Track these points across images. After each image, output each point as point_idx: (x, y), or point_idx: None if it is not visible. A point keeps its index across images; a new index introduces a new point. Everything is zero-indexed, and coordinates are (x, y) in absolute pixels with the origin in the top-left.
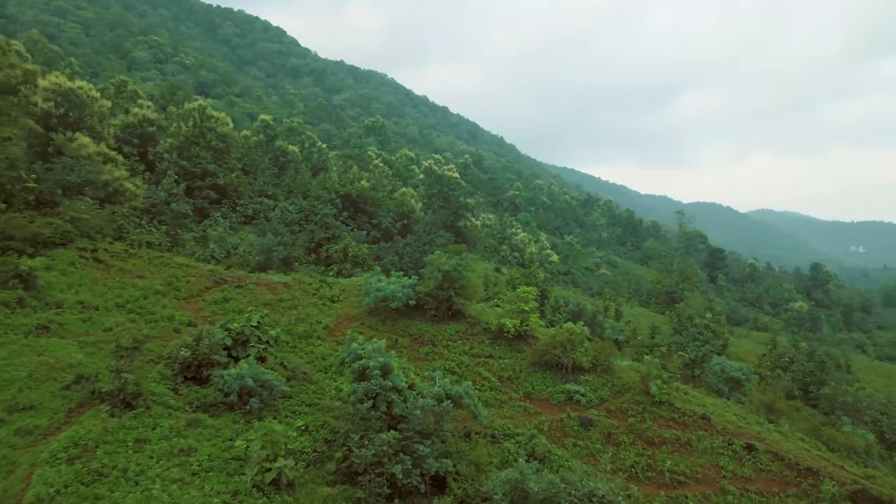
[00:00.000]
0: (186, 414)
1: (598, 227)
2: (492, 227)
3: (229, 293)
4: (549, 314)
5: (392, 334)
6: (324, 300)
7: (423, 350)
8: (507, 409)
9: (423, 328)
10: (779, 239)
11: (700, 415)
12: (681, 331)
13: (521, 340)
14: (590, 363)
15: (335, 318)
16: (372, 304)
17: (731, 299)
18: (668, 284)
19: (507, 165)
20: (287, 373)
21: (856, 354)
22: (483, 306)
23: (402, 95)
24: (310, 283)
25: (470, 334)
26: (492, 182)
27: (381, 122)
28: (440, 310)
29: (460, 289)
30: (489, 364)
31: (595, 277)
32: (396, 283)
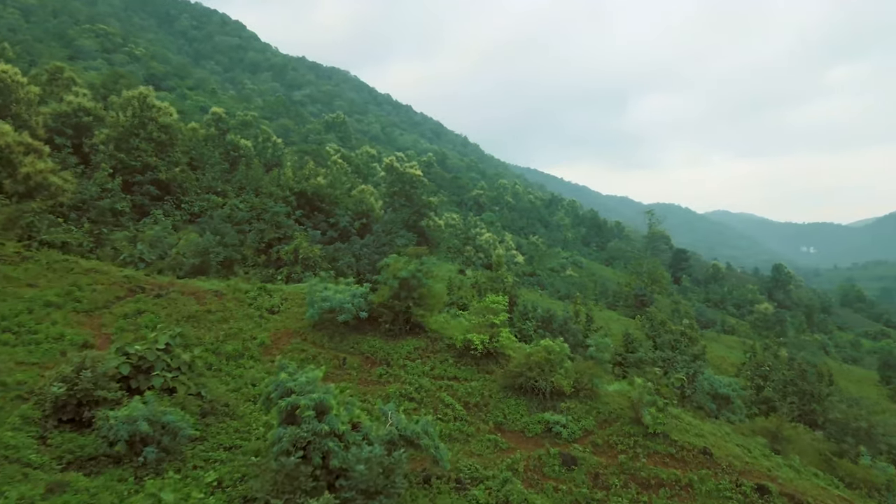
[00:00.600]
0: (50, 474)
1: (563, 228)
2: (456, 227)
3: (145, 304)
4: (517, 321)
5: (339, 352)
6: (261, 311)
7: (375, 371)
8: (475, 443)
9: (376, 344)
10: (735, 239)
11: (700, 448)
12: (653, 336)
13: (491, 359)
14: (571, 387)
15: (273, 333)
16: (316, 317)
17: (697, 301)
18: (637, 287)
19: (470, 164)
20: (204, 406)
21: (822, 357)
22: (446, 317)
23: (364, 93)
24: (246, 290)
25: (431, 351)
26: (456, 181)
27: (341, 118)
28: (396, 323)
29: (420, 298)
30: (453, 388)
31: (561, 279)
32: (345, 291)
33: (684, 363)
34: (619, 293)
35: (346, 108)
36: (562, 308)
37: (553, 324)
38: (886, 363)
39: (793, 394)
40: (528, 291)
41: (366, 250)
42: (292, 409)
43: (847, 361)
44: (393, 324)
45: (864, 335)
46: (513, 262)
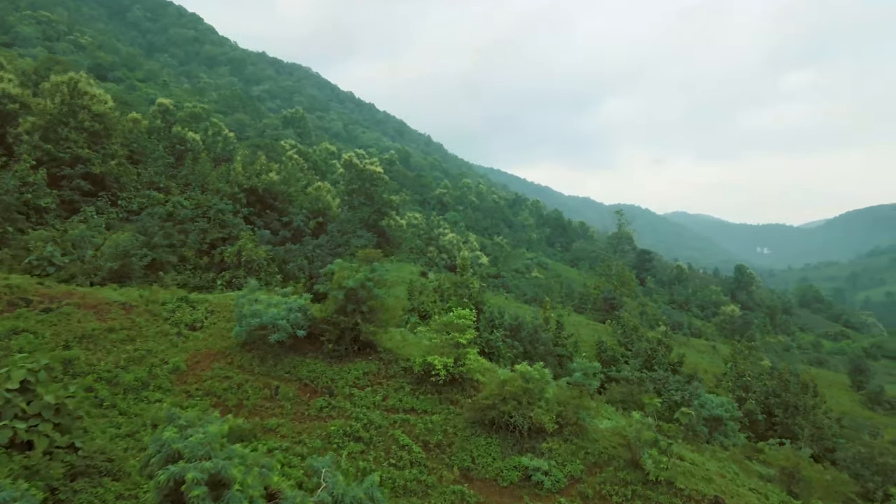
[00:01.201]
0: None
1: (527, 228)
2: (418, 227)
3: (27, 321)
4: (483, 330)
5: (272, 379)
6: (179, 328)
7: (315, 403)
8: (436, 496)
9: (317, 369)
10: (693, 240)
11: (711, 498)
12: (626, 344)
13: (456, 387)
14: (554, 423)
15: (191, 356)
16: (244, 336)
17: (662, 302)
18: (606, 290)
19: (434, 163)
20: (76, 463)
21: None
22: (403, 332)
23: (327, 90)
24: (165, 301)
25: (384, 377)
26: (419, 179)
27: (300, 114)
28: (342, 342)
29: (370, 312)
30: (410, 423)
31: (527, 281)
32: (281, 303)
33: (678, 385)
34: (587, 295)
35: (306, 104)
36: (530, 313)
37: (522, 332)
38: (857, 368)
39: (776, 406)
40: (493, 296)
41: (319, 251)
42: (177, 485)
43: (813, 364)
44: (338, 343)
45: (825, 336)
46: (477, 263)
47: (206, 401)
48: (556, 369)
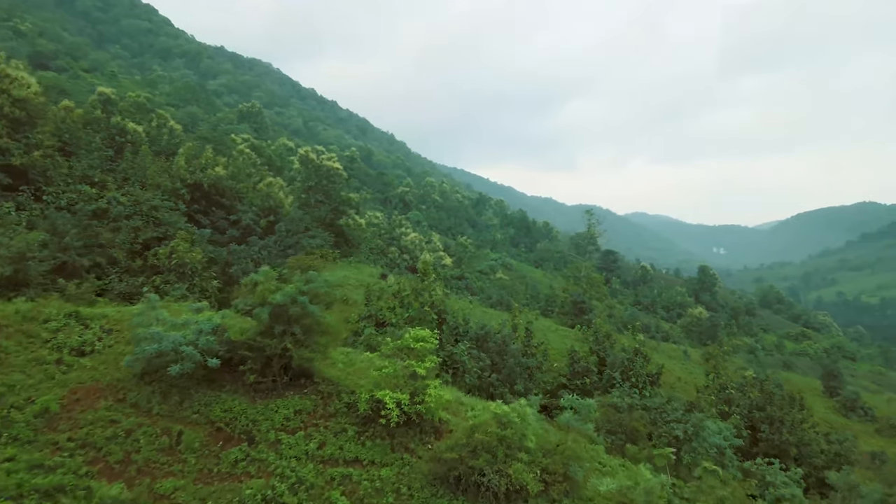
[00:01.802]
0: None
1: (492, 228)
2: (379, 227)
3: None
4: (446, 341)
5: (174, 423)
6: (62, 353)
7: (228, 455)
8: None
9: (235, 407)
10: (652, 240)
11: None
12: (598, 351)
13: (413, 430)
14: (539, 482)
15: (72, 392)
16: (140, 366)
17: (628, 304)
18: (575, 293)
19: (397, 162)
20: None
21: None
22: (350, 353)
23: (288, 87)
24: (48, 317)
25: (321, 416)
26: (380, 177)
27: (257, 108)
28: (269, 371)
29: (305, 334)
30: (352, 481)
31: (492, 282)
32: (191, 323)
33: (674, 412)
34: (553, 298)
35: (265, 100)
36: (497, 319)
37: (489, 342)
38: (830, 373)
39: (761, 421)
40: (458, 299)
41: (266, 253)
42: None
43: (780, 367)
44: (263, 373)
45: (786, 337)
46: (440, 264)
47: (80, 457)
48: (526, 383)
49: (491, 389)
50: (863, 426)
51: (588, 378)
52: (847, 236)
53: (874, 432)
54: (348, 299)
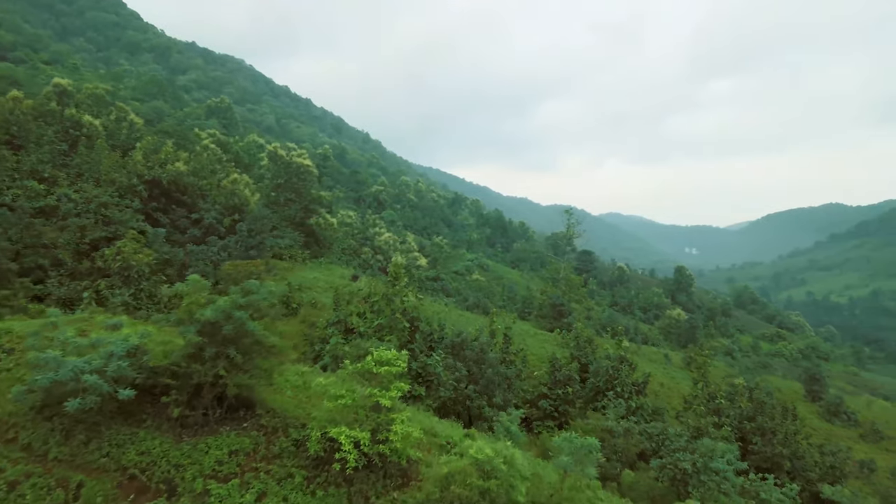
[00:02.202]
0: None
1: (467, 228)
2: (352, 226)
3: None
4: (419, 351)
5: (74, 470)
6: None
7: None
8: None
9: (156, 448)
10: (627, 241)
11: None
12: (579, 357)
13: (375, 475)
14: None
15: None
16: (33, 400)
17: (605, 305)
18: (554, 296)
19: (371, 161)
20: None
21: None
22: (304, 374)
23: (261, 84)
24: None
25: (262, 458)
26: (354, 176)
27: (226, 103)
28: (199, 403)
29: (245, 356)
30: None
31: (468, 283)
32: (102, 343)
33: (679, 439)
34: (530, 299)
35: (237, 96)
36: (474, 323)
37: (466, 350)
38: (812, 377)
39: (752, 432)
40: (432, 302)
41: (227, 254)
42: None
43: (759, 369)
44: (191, 405)
45: (762, 337)
46: (415, 265)
47: None
48: (504, 394)
49: (468, 402)
50: (846, 431)
51: (570, 387)
52: (815, 237)
53: (858, 438)
54: (317, 303)
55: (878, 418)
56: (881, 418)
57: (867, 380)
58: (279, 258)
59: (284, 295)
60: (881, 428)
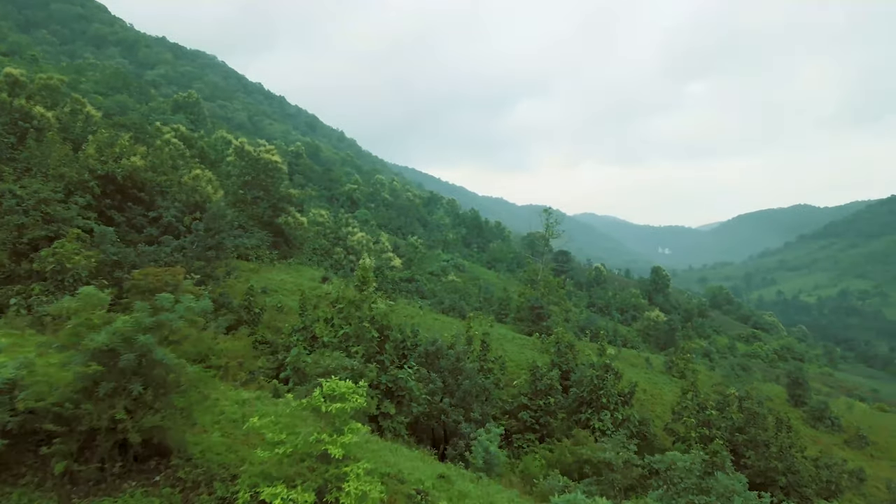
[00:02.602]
0: None
1: (443, 228)
2: (324, 225)
3: None
4: (390, 365)
5: None
6: None
7: None
8: None
9: None
10: (602, 241)
11: None
12: (560, 364)
13: None
14: None
15: None
16: None
17: (582, 306)
18: (532, 298)
19: (346, 159)
20: None
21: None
22: (244, 402)
23: (233, 80)
24: None
25: None
26: (327, 174)
27: (194, 98)
28: (94, 453)
29: (157, 390)
30: None
31: (443, 285)
32: None
33: (690, 476)
34: (506, 300)
35: (207, 92)
36: (449, 328)
37: (441, 360)
38: (795, 381)
39: (745, 445)
40: (406, 304)
41: (182, 255)
42: None
43: (738, 371)
44: (83, 457)
45: (738, 338)
46: (389, 265)
47: None
48: (482, 407)
49: (443, 416)
50: (831, 437)
51: (552, 397)
52: (785, 238)
53: (843, 444)
54: (283, 307)
55: (860, 422)
56: (863, 422)
57: (841, 380)
58: (244, 259)
59: (246, 299)
60: (865, 433)
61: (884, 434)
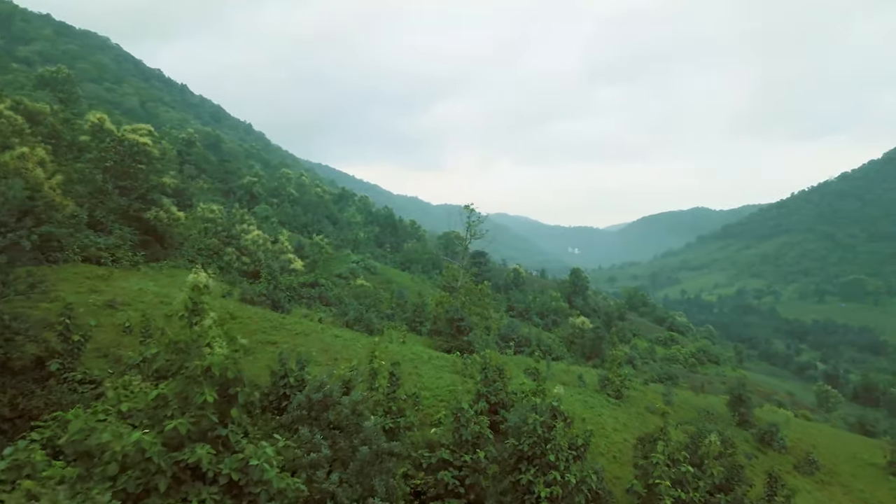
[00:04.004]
0: None
1: (354, 226)
2: (215, 222)
3: None
4: (238, 440)
5: None
6: None
7: None
8: None
9: None
10: (515, 241)
11: None
12: (489, 395)
13: None
14: None
15: None
16: None
17: (502, 310)
18: (452, 308)
19: (251, 152)
20: None
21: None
22: None
23: (128, 65)
24: None
25: None
26: (223, 165)
27: (64, 73)
28: None
29: None
30: None
31: (352, 290)
32: None
33: None
34: (421, 306)
35: (93, 73)
36: (352, 346)
37: (330, 413)
38: (738, 398)
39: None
40: (299, 318)
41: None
42: None
43: (663, 380)
44: None
45: (656, 341)
46: (288, 268)
47: None
48: (388, 481)
49: (329, 503)
50: (780, 457)
51: (481, 450)
52: (685, 238)
53: (792, 469)
54: (130, 327)
55: (801, 440)
56: (805, 440)
57: (758, 384)
58: (94, 262)
59: (61, 321)
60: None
61: (826, 453)
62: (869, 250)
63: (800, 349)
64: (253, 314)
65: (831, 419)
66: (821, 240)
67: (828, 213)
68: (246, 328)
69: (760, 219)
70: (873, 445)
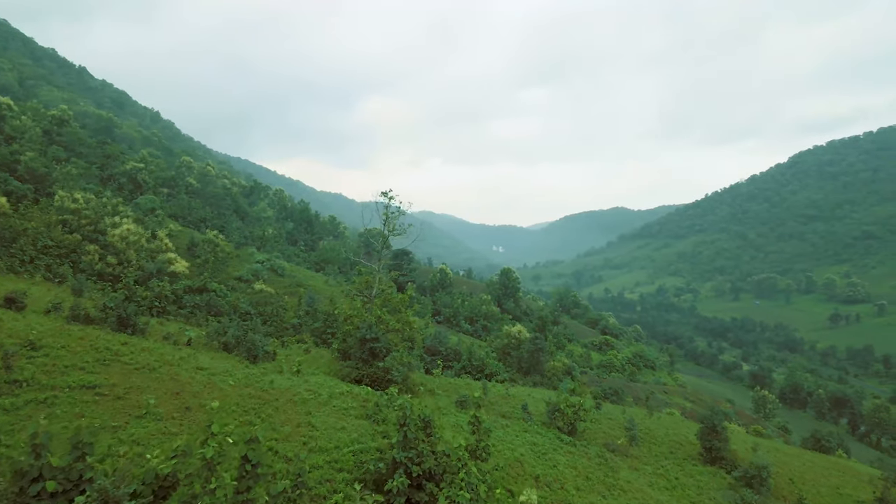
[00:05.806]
0: None
1: (265, 222)
2: (78, 213)
3: None
4: None
5: None
6: None
7: None
8: None
9: None
10: (440, 238)
11: None
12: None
13: None
14: None
15: None
16: None
17: (428, 316)
18: (364, 326)
19: (151, 138)
20: None
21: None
22: None
23: (15, 42)
24: None
25: None
26: (102, 149)
27: None
28: None
29: None
30: None
31: (250, 296)
32: None
33: None
34: (333, 316)
35: None
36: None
37: None
38: (712, 429)
39: None
40: (154, 342)
41: None
42: None
43: (608, 396)
44: None
45: (591, 346)
46: (167, 270)
47: None
48: None
49: None
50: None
51: None
52: (606, 237)
53: None
54: None
55: (779, 473)
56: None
57: (699, 391)
58: None
59: None
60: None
61: (810, 490)
62: (777, 249)
63: (721, 347)
64: (78, 339)
65: (770, 427)
66: (733, 239)
67: (739, 213)
68: (55, 364)
69: (677, 218)
70: (850, 473)
